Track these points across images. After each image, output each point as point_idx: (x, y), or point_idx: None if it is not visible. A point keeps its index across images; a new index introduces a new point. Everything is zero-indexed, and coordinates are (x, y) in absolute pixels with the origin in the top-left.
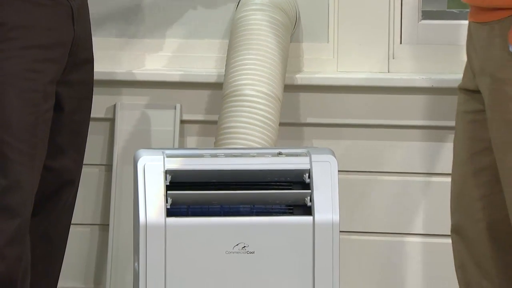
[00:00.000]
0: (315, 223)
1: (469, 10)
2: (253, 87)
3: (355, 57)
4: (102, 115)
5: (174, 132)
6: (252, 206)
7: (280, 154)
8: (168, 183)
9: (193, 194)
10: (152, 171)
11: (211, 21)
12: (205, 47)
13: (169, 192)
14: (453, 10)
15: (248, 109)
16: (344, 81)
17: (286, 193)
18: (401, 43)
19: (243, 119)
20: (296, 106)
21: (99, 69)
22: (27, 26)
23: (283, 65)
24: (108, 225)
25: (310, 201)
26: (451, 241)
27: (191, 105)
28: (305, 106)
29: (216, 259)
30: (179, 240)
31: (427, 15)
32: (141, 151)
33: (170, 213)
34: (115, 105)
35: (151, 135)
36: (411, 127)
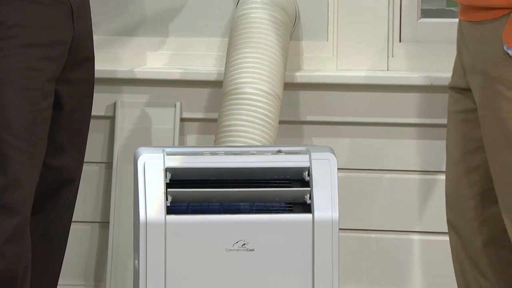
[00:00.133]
0: (315, 220)
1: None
2: (253, 85)
3: (355, 55)
4: (102, 113)
5: (174, 130)
6: (251, 203)
7: (279, 152)
8: (168, 181)
9: (193, 191)
10: (152, 169)
11: (211, 19)
12: (205, 45)
13: (169, 189)
14: (452, 8)
15: (248, 107)
16: (343, 79)
17: (285, 191)
18: (401, 41)
19: (243, 117)
20: (295, 104)
21: (99, 67)
22: (27, 24)
23: (283, 63)
24: (108, 222)
25: (309, 198)
26: (449, 237)
27: (191, 103)
28: (305, 104)
29: (216, 257)
30: (179, 237)
31: (426, 13)
32: (141, 149)
33: (170, 210)
34: (115, 103)
35: (151, 133)
36: (411, 125)
